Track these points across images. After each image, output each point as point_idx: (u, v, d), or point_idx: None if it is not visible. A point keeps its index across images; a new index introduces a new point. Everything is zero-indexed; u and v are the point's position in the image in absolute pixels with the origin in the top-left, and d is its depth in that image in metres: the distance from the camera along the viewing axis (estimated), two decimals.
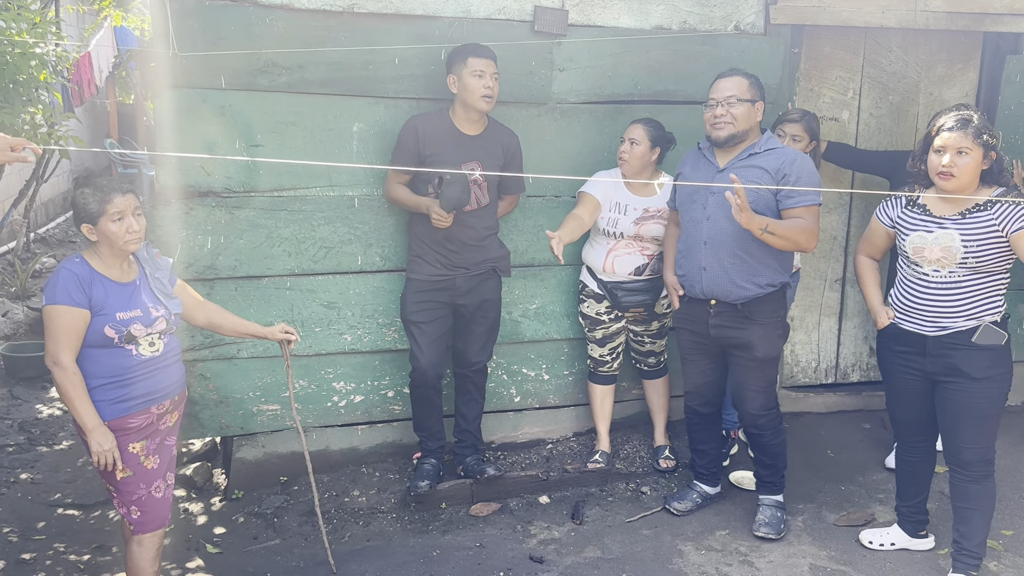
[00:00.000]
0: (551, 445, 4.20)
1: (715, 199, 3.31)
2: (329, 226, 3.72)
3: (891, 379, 3.28)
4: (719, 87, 3.30)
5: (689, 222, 3.42)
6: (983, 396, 3.04)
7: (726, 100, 3.26)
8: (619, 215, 3.77)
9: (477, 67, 3.43)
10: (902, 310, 3.15)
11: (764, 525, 3.55)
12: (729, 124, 3.26)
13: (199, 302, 2.99)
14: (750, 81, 3.29)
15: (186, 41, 3.36)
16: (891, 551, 3.45)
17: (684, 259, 3.46)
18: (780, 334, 3.45)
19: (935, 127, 3.01)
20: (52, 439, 4.52)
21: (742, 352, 3.42)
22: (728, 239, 3.29)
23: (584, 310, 3.96)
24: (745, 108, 3.26)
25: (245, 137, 3.53)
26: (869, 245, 3.35)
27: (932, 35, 4.45)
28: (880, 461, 4.20)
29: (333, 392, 3.89)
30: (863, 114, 4.53)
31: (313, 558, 3.38)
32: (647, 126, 3.70)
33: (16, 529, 3.60)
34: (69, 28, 9.07)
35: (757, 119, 3.31)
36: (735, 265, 3.31)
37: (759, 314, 3.35)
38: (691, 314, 3.51)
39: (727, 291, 3.34)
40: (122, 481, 2.70)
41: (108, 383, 2.63)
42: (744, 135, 3.30)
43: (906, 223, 3.10)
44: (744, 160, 3.30)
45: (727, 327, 3.40)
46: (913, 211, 3.10)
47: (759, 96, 3.30)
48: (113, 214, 2.61)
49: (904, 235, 3.10)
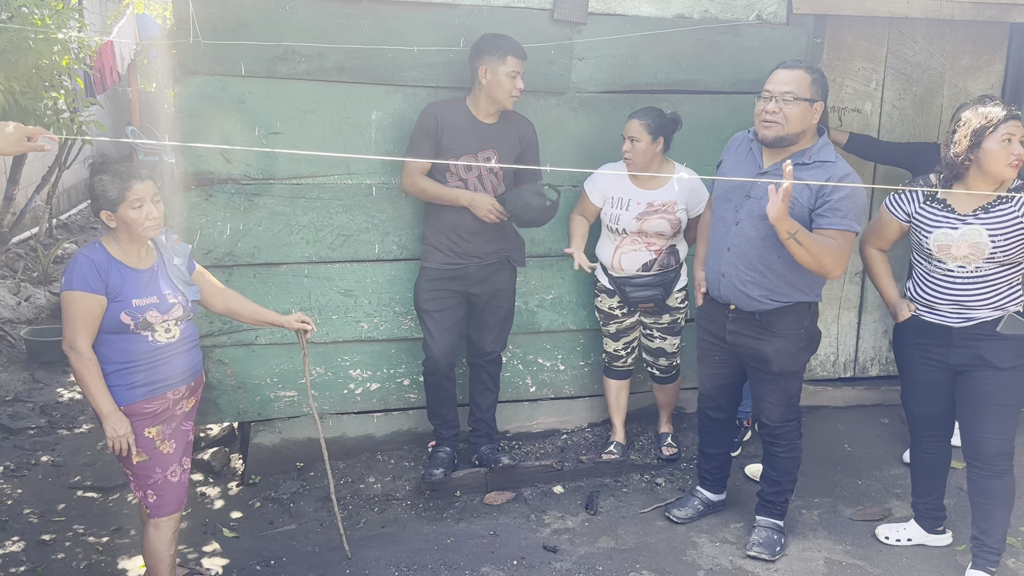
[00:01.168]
0: (566, 435, 4.20)
1: (749, 204, 3.06)
2: (347, 214, 3.73)
3: (910, 372, 3.24)
4: (777, 78, 2.97)
5: (719, 222, 3.20)
6: (1007, 386, 3.02)
7: (782, 96, 2.93)
8: (620, 211, 3.69)
9: (515, 68, 3.42)
10: (925, 303, 3.11)
11: (758, 545, 3.35)
12: (779, 124, 2.95)
13: (218, 289, 3.00)
14: (813, 77, 2.95)
15: (207, 28, 3.37)
16: (908, 547, 3.43)
17: (709, 259, 3.28)
18: (803, 347, 3.19)
19: (991, 119, 2.86)
20: (72, 422, 4.58)
21: (757, 364, 3.23)
22: (751, 251, 3.07)
23: (598, 305, 3.94)
24: (801, 108, 2.93)
25: (264, 125, 3.54)
26: (879, 238, 3.26)
27: (958, 25, 4.39)
28: (898, 456, 4.17)
29: (349, 379, 3.91)
30: (886, 105, 4.48)
31: (328, 543, 3.40)
32: (643, 120, 3.56)
33: (36, 510, 3.65)
34: (92, 15, 9.12)
35: (813, 121, 2.99)
36: (753, 279, 3.09)
37: (779, 326, 3.13)
38: (710, 315, 3.33)
39: (742, 302, 3.15)
40: (138, 465, 2.73)
41: (123, 368, 2.66)
42: (796, 138, 2.98)
43: (927, 220, 3.04)
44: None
45: (744, 335, 3.20)
46: (933, 207, 3.03)
47: (820, 95, 2.97)
48: (133, 201, 2.61)
49: (926, 232, 3.03)
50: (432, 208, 3.59)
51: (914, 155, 4.10)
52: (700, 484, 3.68)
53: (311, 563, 3.29)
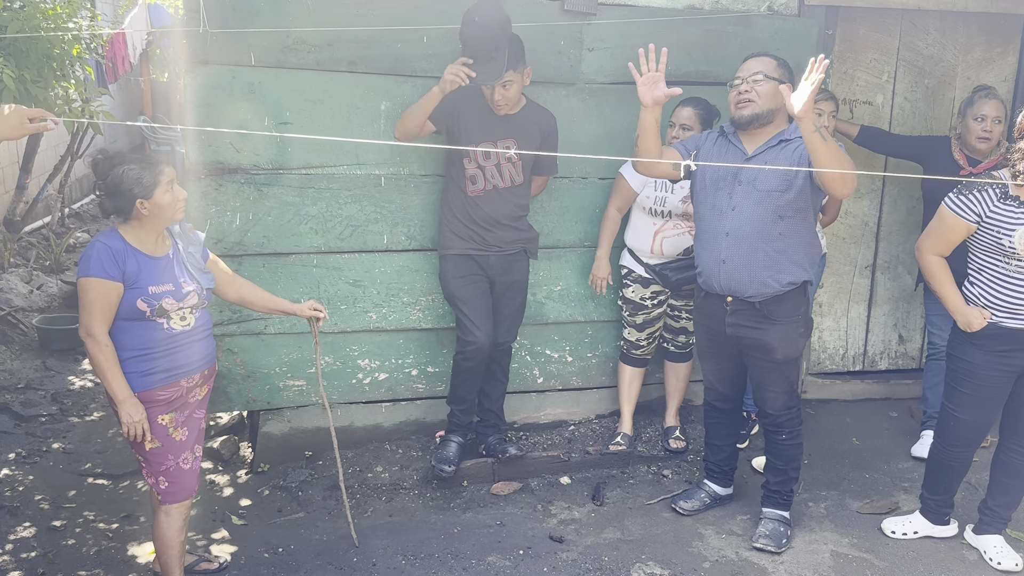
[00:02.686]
0: (573, 427, 4.21)
1: (743, 188, 3.13)
2: (356, 204, 3.74)
3: (980, 381, 3.10)
4: (745, 66, 3.16)
5: (711, 211, 3.22)
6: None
7: (751, 77, 3.11)
8: (667, 193, 3.73)
9: None
10: (1005, 308, 3.00)
11: (764, 537, 3.35)
12: (753, 102, 3.09)
13: (231, 277, 3.02)
14: (778, 62, 3.13)
15: (216, 18, 3.38)
16: (914, 540, 3.43)
17: (702, 251, 3.27)
18: (802, 333, 3.26)
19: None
20: (84, 410, 4.61)
21: (760, 354, 3.24)
22: (752, 231, 3.12)
23: (628, 295, 3.92)
24: (771, 87, 3.08)
25: (274, 115, 3.55)
26: (941, 243, 3.13)
27: (971, 17, 4.36)
28: (906, 450, 4.16)
29: (358, 369, 3.92)
30: (898, 98, 4.45)
31: (336, 532, 3.43)
32: (697, 108, 3.64)
33: (48, 497, 3.68)
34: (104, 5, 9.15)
35: (783, 102, 3.04)
36: (758, 259, 3.12)
37: (778, 313, 3.17)
38: (707, 310, 3.34)
39: (746, 286, 3.15)
40: (151, 452, 2.75)
41: (139, 355, 2.67)
42: (769, 116, 3.12)
43: (1004, 219, 2.94)
44: (775, 147, 3.12)
45: (744, 326, 3.22)
46: (1008, 204, 2.94)
47: (787, 79, 3.12)
48: (166, 184, 2.65)
49: (1006, 231, 2.93)
50: (453, 195, 3.59)
51: (925, 149, 4.07)
52: (707, 477, 3.69)
53: (319, 551, 3.31)
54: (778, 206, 3.09)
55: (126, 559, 3.26)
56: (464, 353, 3.69)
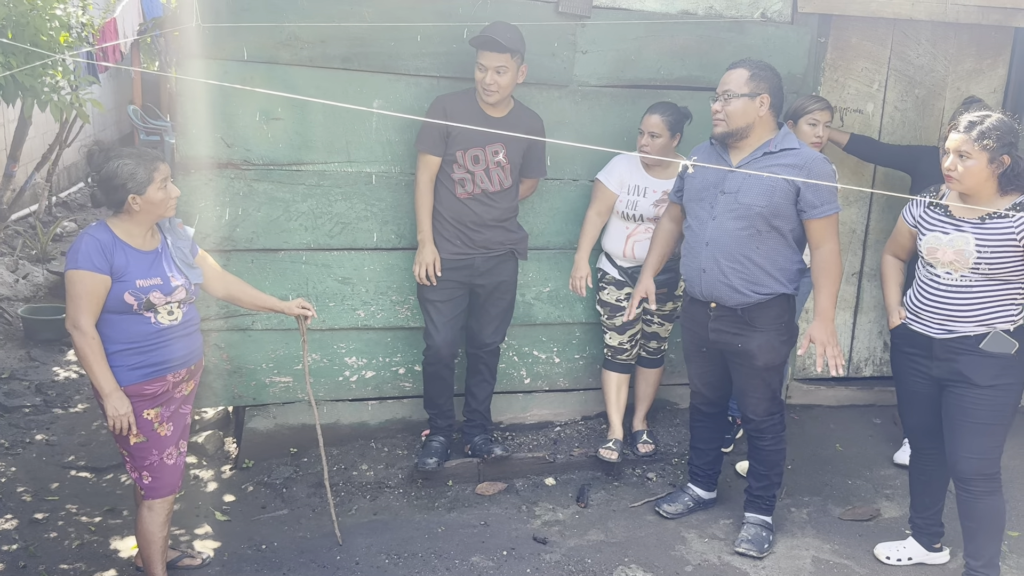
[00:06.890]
0: (559, 428, 4.22)
1: (724, 199, 3.17)
2: (346, 202, 3.73)
3: (900, 381, 3.23)
4: (723, 79, 3.17)
5: (694, 221, 3.27)
6: (987, 404, 2.95)
7: (723, 94, 3.12)
8: (638, 197, 3.74)
9: (480, 60, 3.42)
10: (912, 310, 3.10)
11: (746, 542, 3.37)
12: (723, 122, 3.13)
13: (220, 273, 3.01)
14: (751, 73, 3.10)
15: (210, 12, 3.36)
16: (907, 566, 3.36)
17: (686, 259, 3.33)
18: (784, 340, 3.28)
19: (949, 127, 2.98)
20: (68, 402, 4.59)
21: (742, 360, 3.28)
22: (731, 242, 3.15)
23: (604, 297, 3.94)
24: (741, 104, 3.08)
25: (265, 110, 3.54)
26: (895, 244, 3.26)
27: (962, 29, 4.39)
28: (889, 457, 4.19)
29: (345, 367, 3.92)
30: (888, 107, 4.48)
31: (320, 529, 3.42)
32: (664, 115, 3.63)
33: (30, 489, 3.67)
34: None
35: (759, 114, 3.12)
36: (734, 270, 3.17)
37: (761, 321, 3.21)
38: (693, 315, 3.38)
39: (725, 295, 3.20)
40: (135, 446, 2.74)
41: (126, 349, 2.67)
42: (745, 131, 3.13)
43: (925, 223, 3.05)
44: (759, 159, 3.14)
45: (727, 332, 3.26)
46: (935, 211, 3.03)
47: (763, 89, 3.10)
48: (159, 182, 2.65)
49: (921, 235, 3.05)
50: (441, 197, 3.59)
51: (913, 158, 4.10)
52: (691, 481, 3.70)
53: (302, 548, 3.31)
54: (756, 220, 3.13)
55: (108, 553, 3.25)
56: (426, 357, 3.74)
